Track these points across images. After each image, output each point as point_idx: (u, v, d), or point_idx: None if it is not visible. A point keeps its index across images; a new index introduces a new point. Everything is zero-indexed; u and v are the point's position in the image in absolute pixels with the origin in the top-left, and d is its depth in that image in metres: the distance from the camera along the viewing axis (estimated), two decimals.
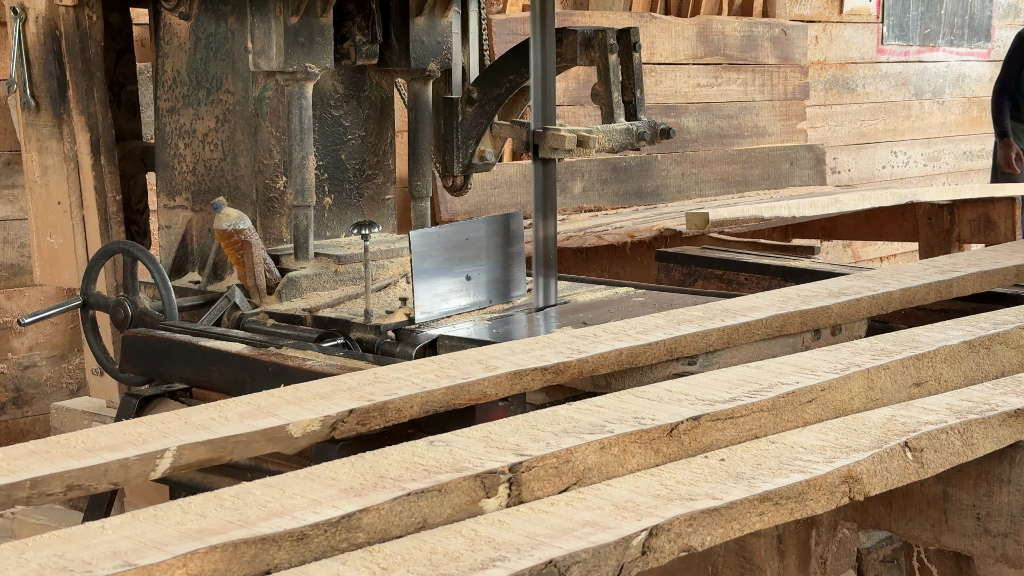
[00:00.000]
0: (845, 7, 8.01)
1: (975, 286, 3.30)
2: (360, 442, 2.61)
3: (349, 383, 2.27)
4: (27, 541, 1.47)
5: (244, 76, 3.51)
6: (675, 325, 2.68)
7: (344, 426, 2.12)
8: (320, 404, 2.14)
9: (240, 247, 3.32)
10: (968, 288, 3.28)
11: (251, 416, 2.06)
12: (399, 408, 2.19)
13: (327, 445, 2.65)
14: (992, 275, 3.31)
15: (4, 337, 4.71)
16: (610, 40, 3.34)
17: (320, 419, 2.07)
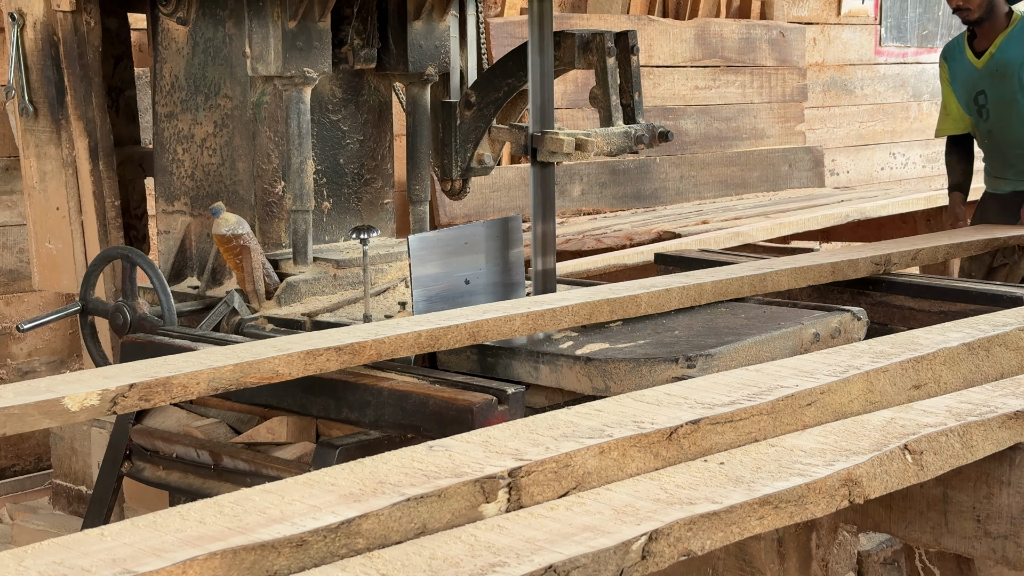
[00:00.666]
0: (843, 9, 8.01)
1: (789, 282, 3.40)
2: (360, 448, 2.62)
3: (137, 366, 2.28)
4: (26, 548, 1.47)
5: (242, 81, 3.51)
6: (480, 312, 2.76)
7: (125, 401, 2.11)
8: (101, 381, 2.13)
9: (239, 252, 3.32)
10: (782, 283, 3.38)
11: (28, 393, 2.07)
12: (184, 384, 2.19)
13: (326, 450, 2.65)
14: (806, 271, 3.43)
15: (3, 343, 4.71)
16: (608, 43, 3.34)
17: (99, 392, 2.07)
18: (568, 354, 2.80)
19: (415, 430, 2.58)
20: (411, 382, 2.63)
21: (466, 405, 2.51)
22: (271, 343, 2.50)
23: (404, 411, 2.59)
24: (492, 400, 2.53)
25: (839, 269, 3.49)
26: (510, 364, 2.89)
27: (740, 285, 3.23)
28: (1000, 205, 4.99)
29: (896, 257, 3.66)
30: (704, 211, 6.44)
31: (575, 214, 6.36)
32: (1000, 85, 4.87)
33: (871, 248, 3.83)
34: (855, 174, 8.25)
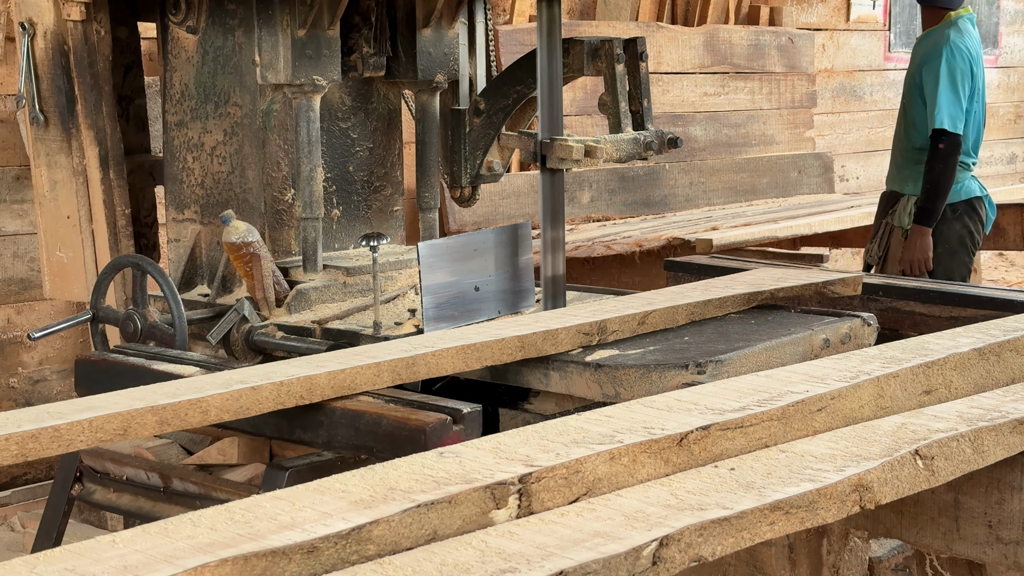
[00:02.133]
0: (852, 15, 8.01)
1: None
2: (311, 470, 2.60)
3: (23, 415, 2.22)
4: (38, 555, 1.48)
5: (252, 89, 3.52)
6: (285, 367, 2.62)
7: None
8: None
9: (249, 260, 3.32)
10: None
11: None
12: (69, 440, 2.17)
13: (275, 472, 2.63)
14: (477, 348, 2.84)
15: (14, 351, 4.72)
16: (617, 50, 3.35)
17: None
18: (578, 360, 2.80)
19: (368, 451, 2.51)
20: (365, 401, 2.56)
21: (419, 426, 2.45)
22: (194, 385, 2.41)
23: (357, 432, 2.52)
24: (446, 420, 2.46)
25: (530, 343, 2.76)
26: (520, 371, 2.89)
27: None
28: (879, 204, 5.18)
29: (615, 324, 2.88)
30: (713, 217, 6.44)
31: (584, 221, 6.36)
32: (906, 78, 5.12)
33: (588, 311, 2.99)
34: (864, 180, 8.24)
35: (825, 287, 3.22)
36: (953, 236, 5.03)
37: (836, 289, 3.24)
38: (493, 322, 3.01)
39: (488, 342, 2.67)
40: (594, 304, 3.12)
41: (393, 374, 2.56)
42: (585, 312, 2.97)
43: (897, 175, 5.08)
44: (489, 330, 2.80)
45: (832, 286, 3.23)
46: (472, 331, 2.82)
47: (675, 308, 3.00)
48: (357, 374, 2.52)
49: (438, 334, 2.81)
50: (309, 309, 3.41)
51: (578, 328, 2.83)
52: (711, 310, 3.07)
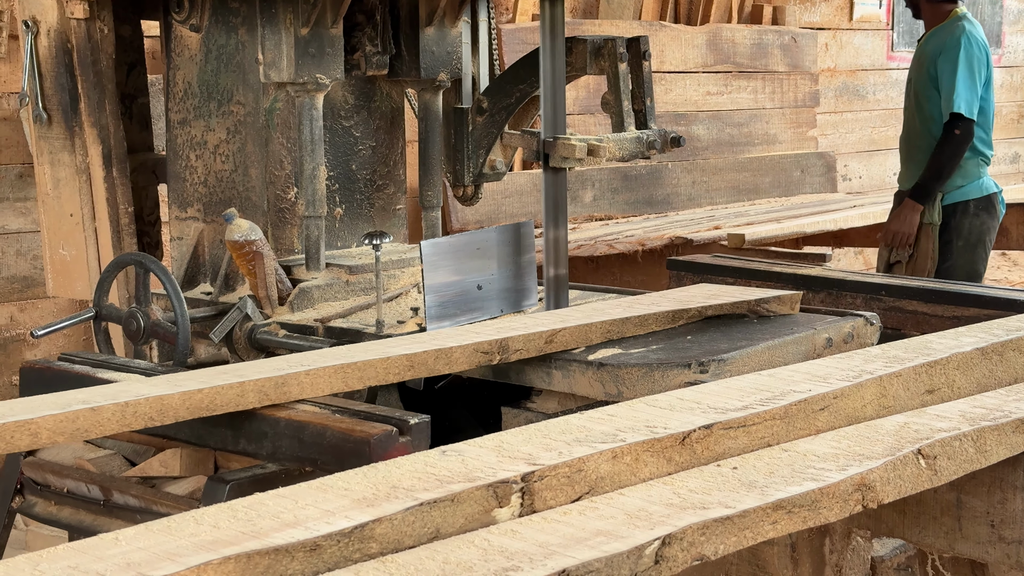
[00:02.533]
0: (855, 14, 8.00)
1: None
2: (253, 483, 2.52)
3: None
4: (41, 553, 1.48)
5: (255, 87, 3.52)
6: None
7: None
8: None
9: (252, 258, 3.32)
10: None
11: None
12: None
13: (216, 485, 2.56)
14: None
15: (17, 349, 4.72)
16: (620, 49, 3.35)
17: None
18: (581, 359, 2.80)
19: (313, 463, 2.45)
20: (310, 412, 2.49)
21: (363, 437, 2.37)
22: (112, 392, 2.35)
23: (301, 443, 2.45)
24: (392, 431, 2.40)
25: (420, 362, 2.65)
26: (522, 369, 2.89)
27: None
28: (898, 202, 5.17)
29: (518, 342, 2.75)
30: (716, 217, 6.44)
31: (587, 220, 6.36)
32: (916, 75, 5.13)
33: (492, 328, 2.88)
34: (867, 180, 8.23)
35: (759, 305, 3.07)
36: (973, 232, 5.07)
37: (771, 308, 3.07)
38: (388, 339, 2.86)
39: (372, 360, 2.55)
40: (500, 321, 2.98)
41: (259, 394, 2.44)
42: (488, 329, 2.84)
43: (915, 173, 5.08)
44: (378, 348, 2.67)
45: (766, 304, 3.07)
46: (360, 349, 2.69)
47: (588, 326, 2.84)
48: (216, 395, 2.39)
49: (318, 352, 2.68)
50: (312, 307, 3.41)
51: (475, 347, 2.68)
52: (631, 328, 2.91)
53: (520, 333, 2.76)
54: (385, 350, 2.63)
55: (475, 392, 3.25)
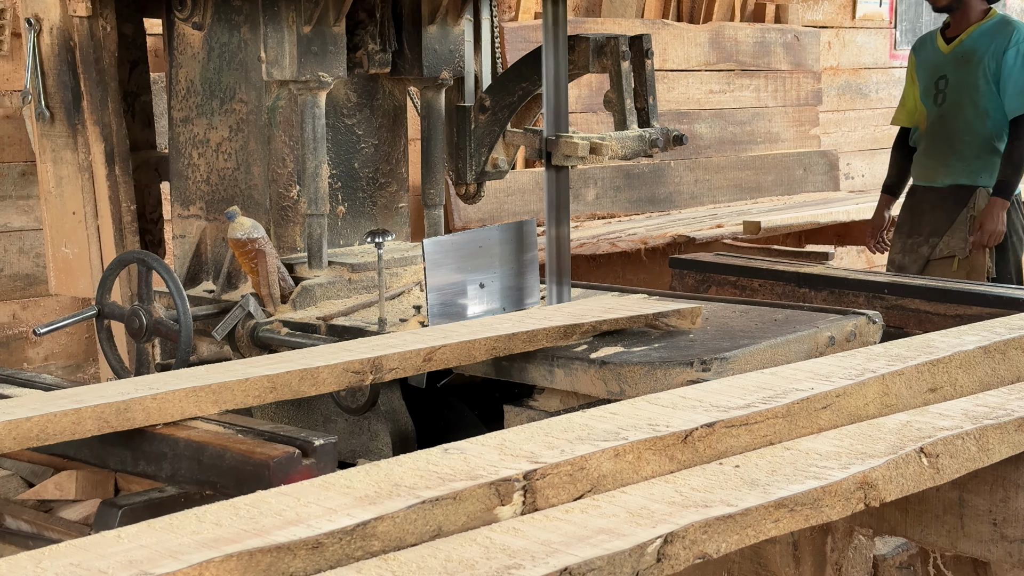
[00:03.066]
0: (857, 12, 8.00)
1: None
2: (148, 508, 2.45)
3: None
4: (44, 550, 1.48)
5: (257, 86, 3.52)
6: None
7: None
8: None
9: (254, 256, 3.33)
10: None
11: None
12: None
13: (108, 510, 2.48)
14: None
15: (20, 347, 4.73)
16: (622, 47, 3.35)
17: None
18: (583, 357, 2.80)
19: (212, 486, 2.35)
20: (212, 432, 2.38)
21: (263, 460, 2.27)
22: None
23: (201, 465, 2.34)
24: (294, 453, 2.29)
25: (283, 384, 2.53)
26: (525, 367, 2.89)
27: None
28: (936, 199, 5.08)
29: (393, 361, 2.65)
30: (719, 215, 6.44)
31: (589, 218, 6.36)
32: (963, 71, 5.03)
33: (367, 346, 2.76)
34: (870, 178, 8.23)
35: (657, 319, 2.97)
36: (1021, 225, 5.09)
37: (670, 322, 2.97)
38: (251, 359, 2.73)
39: (229, 383, 2.42)
40: (377, 338, 2.86)
41: (99, 422, 2.28)
42: (362, 347, 2.70)
43: (966, 168, 5.02)
44: (239, 368, 2.55)
45: (665, 318, 2.97)
46: (219, 369, 2.56)
47: (472, 343, 2.72)
48: (48, 423, 2.23)
49: (172, 374, 2.55)
50: (314, 305, 3.41)
51: (345, 366, 2.55)
52: (519, 344, 2.79)
53: (396, 351, 2.63)
54: (246, 370, 2.51)
55: (477, 390, 3.25)
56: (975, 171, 5.01)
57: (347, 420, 3.22)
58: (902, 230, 5.22)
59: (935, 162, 5.12)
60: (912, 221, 5.16)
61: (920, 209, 5.13)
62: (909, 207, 5.22)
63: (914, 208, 5.17)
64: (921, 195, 5.17)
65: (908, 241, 5.15)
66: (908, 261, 5.12)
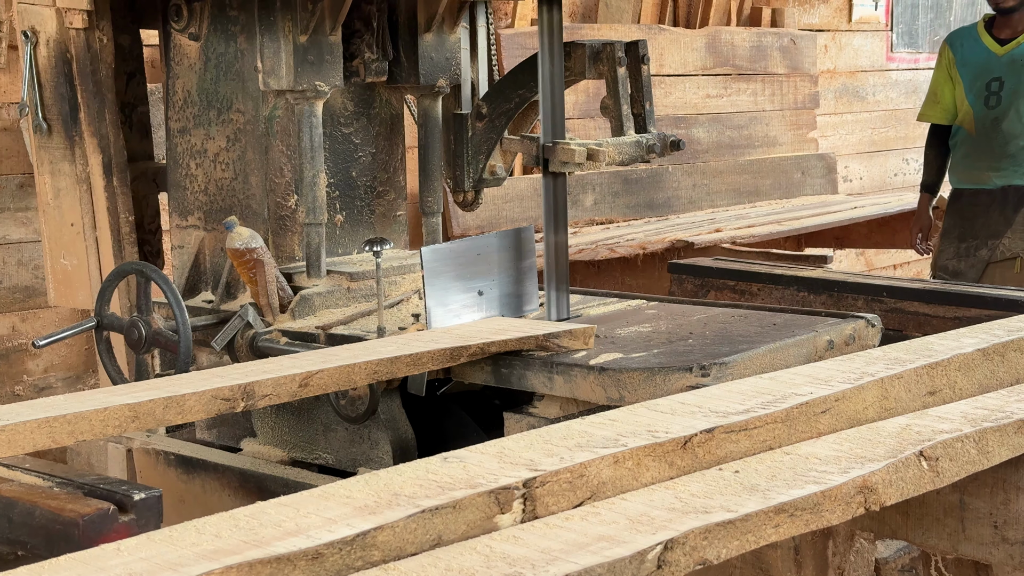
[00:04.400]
0: (854, 16, 8.00)
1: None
2: None
3: None
4: (43, 564, 1.48)
5: (254, 95, 3.52)
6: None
7: None
8: None
9: (252, 266, 3.33)
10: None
11: None
12: None
13: None
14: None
15: (19, 359, 4.73)
16: (619, 53, 3.35)
17: None
18: (582, 364, 2.80)
19: (23, 546, 2.19)
20: (27, 485, 2.23)
21: (72, 518, 2.10)
22: None
23: (11, 523, 2.18)
24: (109, 510, 2.13)
25: (146, 412, 2.42)
26: (524, 374, 2.89)
27: None
28: (990, 201, 5.01)
29: (267, 387, 2.56)
30: (717, 219, 6.44)
31: (588, 224, 6.36)
32: (1021, 75, 4.95)
33: (240, 372, 2.68)
34: (868, 181, 8.23)
35: (548, 340, 2.88)
36: None
37: (562, 343, 2.88)
38: (113, 388, 2.59)
39: (86, 412, 2.29)
40: (249, 364, 2.76)
41: None
42: (235, 373, 2.60)
43: (1018, 170, 4.97)
44: (98, 397, 2.43)
45: (557, 339, 2.88)
46: (75, 399, 2.42)
47: (352, 367, 2.63)
48: None
49: (25, 404, 2.38)
50: (313, 314, 3.41)
51: (214, 393, 2.45)
52: (402, 368, 2.72)
53: (270, 376, 2.54)
54: (107, 399, 2.39)
55: (477, 397, 3.25)
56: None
57: (347, 429, 3.22)
58: (950, 235, 5.10)
59: (984, 164, 5.04)
60: (963, 225, 5.05)
61: (971, 212, 5.04)
62: (957, 211, 5.10)
63: (964, 212, 5.07)
64: (971, 198, 5.07)
65: (961, 246, 5.02)
66: (965, 266, 4.99)
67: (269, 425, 3.39)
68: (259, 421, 3.41)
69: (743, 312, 3.23)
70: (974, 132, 5.07)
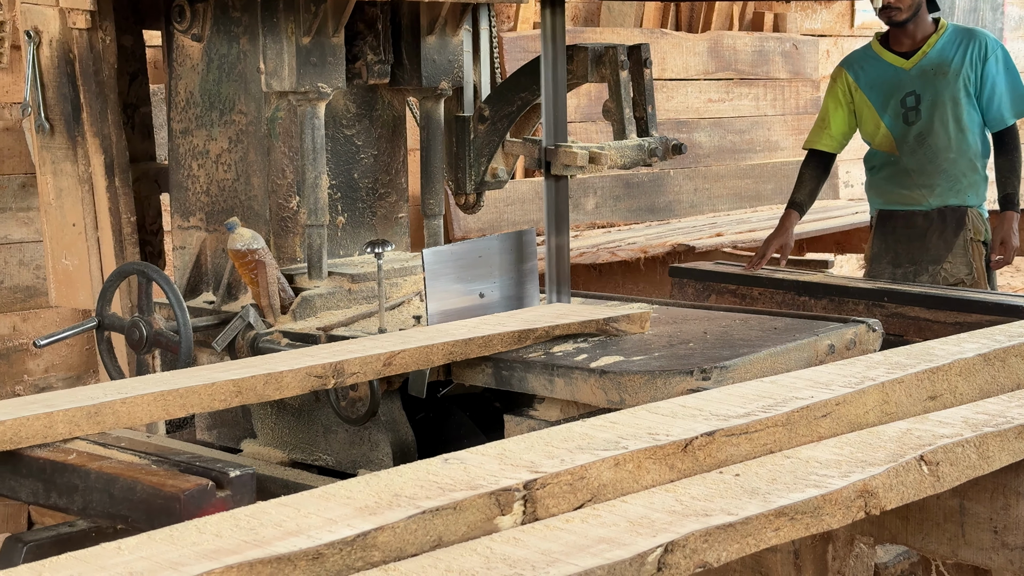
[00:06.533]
0: (856, 21, 8.01)
1: None
2: (56, 544, 2.40)
3: None
4: (44, 562, 1.48)
5: (257, 97, 3.52)
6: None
7: None
8: None
9: (254, 267, 3.33)
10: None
11: None
12: None
13: (12, 546, 2.43)
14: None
15: (20, 359, 4.73)
16: (621, 57, 3.35)
17: None
18: (583, 367, 2.80)
19: (124, 520, 2.27)
20: (126, 462, 2.32)
21: (174, 493, 2.18)
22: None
23: (112, 498, 2.26)
24: (207, 486, 2.21)
25: (248, 388, 2.56)
26: (525, 377, 2.89)
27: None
28: (926, 223, 4.74)
29: (355, 365, 2.71)
30: (718, 224, 6.44)
31: (589, 227, 6.37)
32: (939, 85, 4.71)
33: (328, 351, 2.84)
34: None
35: (607, 324, 3.02)
36: None
37: (620, 327, 3.02)
38: (217, 364, 2.76)
39: (196, 387, 2.44)
40: (337, 344, 2.91)
41: (70, 425, 2.31)
42: (323, 352, 2.75)
43: (953, 188, 4.70)
44: (204, 373, 2.59)
45: (615, 323, 3.02)
46: (185, 375, 2.59)
47: (430, 347, 2.77)
48: (22, 426, 2.26)
49: (138, 379, 2.55)
50: (314, 316, 3.41)
51: (308, 371, 2.59)
52: (475, 349, 2.85)
53: (357, 356, 2.67)
54: (211, 375, 2.53)
55: (477, 400, 3.25)
56: (962, 190, 4.72)
57: (347, 430, 3.22)
58: (881, 260, 4.83)
59: (916, 183, 4.77)
60: (897, 249, 4.79)
61: (905, 236, 4.77)
62: (888, 234, 4.82)
63: (898, 235, 4.79)
64: (904, 221, 4.79)
65: (897, 271, 4.75)
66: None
67: (269, 426, 3.39)
68: (259, 422, 3.40)
69: (744, 316, 3.23)
70: (897, 152, 4.76)
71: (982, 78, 4.69)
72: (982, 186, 4.78)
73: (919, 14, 4.74)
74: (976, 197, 4.75)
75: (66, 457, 2.33)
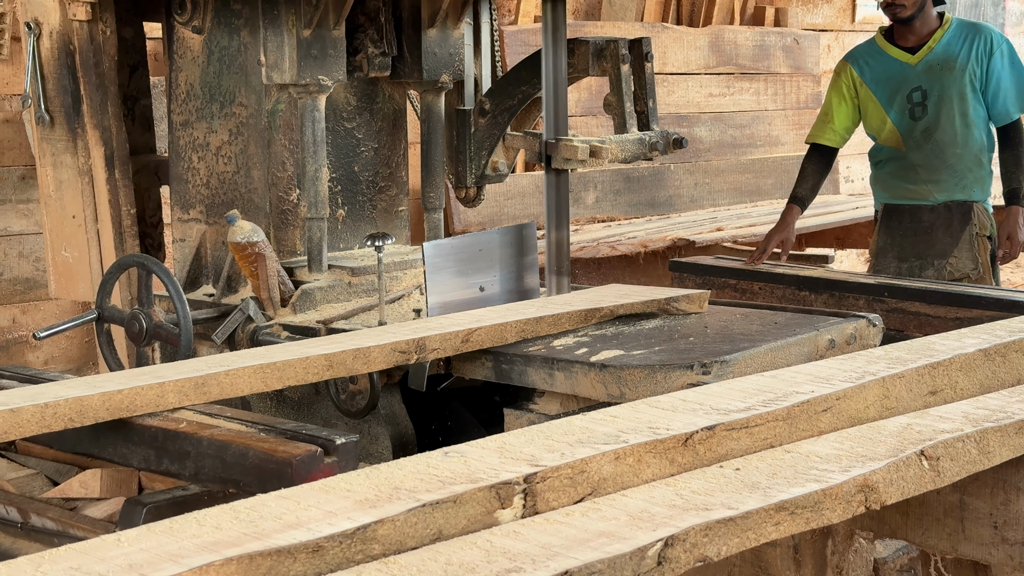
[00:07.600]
0: (857, 16, 8.00)
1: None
2: (173, 506, 2.48)
3: None
4: (44, 554, 1.48)
5: (257, 89, 3.52)
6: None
7: None
8: None
9: (254, 260, 3.33)
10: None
11: None
12: None
13: (133, 508, 2.52)
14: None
15: (20, 351, 4.72)
16: (622, 51, 3.35)
17: None
18: (583, 361, 2.80)
19: (235, 484, 2.36)
20: (235, 430, 2.41)
21: (286, 458, 2.28)
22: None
23: (224, 463, 2.36)
24: (316, 452, 2.30)
25: (338, 362, 2.67)
26: (525, 371, 2.89)
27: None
28: (933, 218, 4.74)
29: (435, 342, 2.82)
30: (718, 218, 6.44)
31: (589, 221, 6.36)
32: (945, 80, 4.70)
33: (409, 328, 2.93)
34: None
35: (668, 304, 3.14)
36: None
37: (680, 306, 3.15)
38: (308, 340, 2.90)
39: (292, 361, 2.57)
40: (418, 321, 3.02)
41: (179, 395, 2.43)
42: (405, 330, 2.84)
43: (959, 183, 4.69)
44: (297, 348, 2.69)
45: (676, 303, 3.15)
46: (279, 349, 2.72)
47: (504, 325, 2.88)
48: (136, 395, 2.38)
49: (238, 353, 2.68)
50: (314, 309, 3.41)
51: (393, 346, 2.70)
52: (544, 327, 2.95)
53: (436, 333, 2.80)
54: (304, 350, 2.65)
55: (477, 393, 3.25)
56: (968, 185, 4.71)
57: (347, 424, 3.22)
58: (887, 254, 4.82)
59: (922, 179, 4.78)
60: (903, 244, 4.79)
61: (911, 230, 4.78)
62: (894, 229, 4.83)
63: (904, 230, 4.80)
64: (911, 215, 4.81)
65: (903, 266, 4.75)
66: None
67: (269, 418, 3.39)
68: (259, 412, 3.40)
69: (744, 311, 3.23)
70: (904, 148, 4.76)
71: (988, 73, 4.68)
72: (987, 181, 4.78)
73: (924, 10, 4.73)
74: (982, 192, 4.74)
75: (177, 425, 2.44)
